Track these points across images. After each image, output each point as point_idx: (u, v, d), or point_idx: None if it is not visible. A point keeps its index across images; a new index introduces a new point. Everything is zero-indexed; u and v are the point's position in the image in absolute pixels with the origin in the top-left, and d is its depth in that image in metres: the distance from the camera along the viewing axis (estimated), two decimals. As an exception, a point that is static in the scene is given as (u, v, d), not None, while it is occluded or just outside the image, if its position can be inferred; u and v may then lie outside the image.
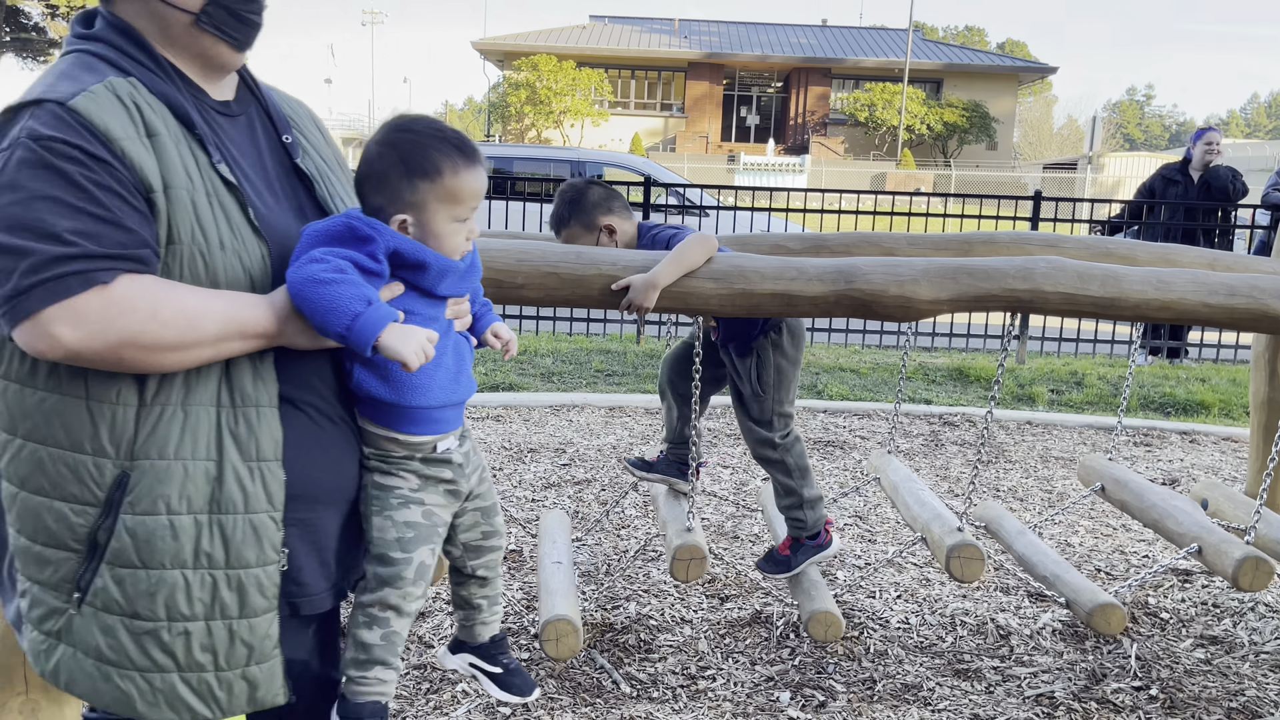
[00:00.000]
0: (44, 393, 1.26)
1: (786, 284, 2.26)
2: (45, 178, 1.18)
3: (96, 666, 1.29)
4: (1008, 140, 37.67)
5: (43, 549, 1.29)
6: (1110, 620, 2.55)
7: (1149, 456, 5.00)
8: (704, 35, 38.71)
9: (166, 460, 1.27)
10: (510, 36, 37.71)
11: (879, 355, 7.36)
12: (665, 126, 37.82)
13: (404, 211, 1.40)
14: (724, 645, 2.86)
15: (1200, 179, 7.25)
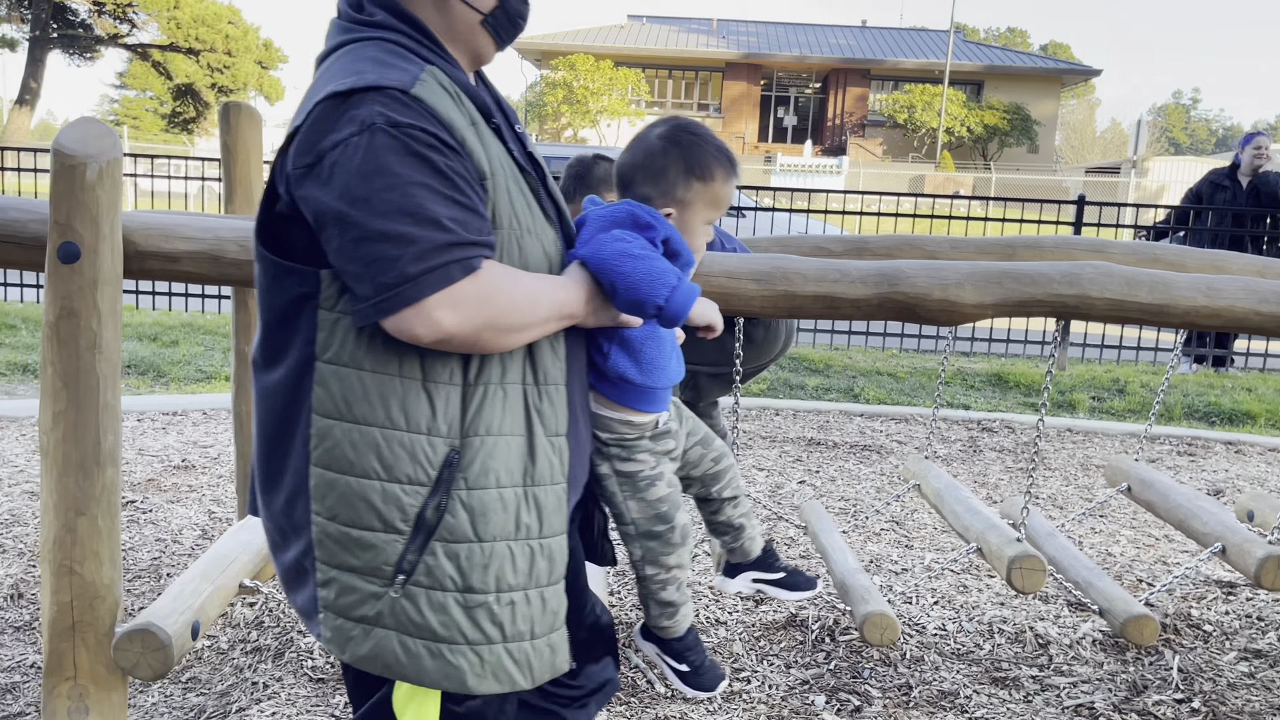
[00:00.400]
0: (377, 375, 1.26)
1: (829, 286, 2.25)
2: (414, 165, 1.19)
3: (426, 645, 1.29)
4: (1049, 143, 37.20)
5: (362, 533, 1.27)
6: (1144, 631, 2.52)
7: (1193, 466, 4.92)
8: (742, 35, 38.60)
9: (493, 436, 1.29)
10: (548, 36, 37.83)
11: (916, 359, 7.30)
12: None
13: (672, 206, 1.53)
14: (759, 648, 2.86)
15: (1249, 184, 7.12)
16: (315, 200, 1.21)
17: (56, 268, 1.89)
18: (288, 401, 1.29)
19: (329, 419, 1.27)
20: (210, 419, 4.87)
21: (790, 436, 5.13)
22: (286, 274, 1.27)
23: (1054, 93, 37.08)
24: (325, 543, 1.29)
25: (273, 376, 1.30)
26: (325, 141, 1.20)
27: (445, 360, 1.27)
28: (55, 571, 1.94)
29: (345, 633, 1.30)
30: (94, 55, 24.31)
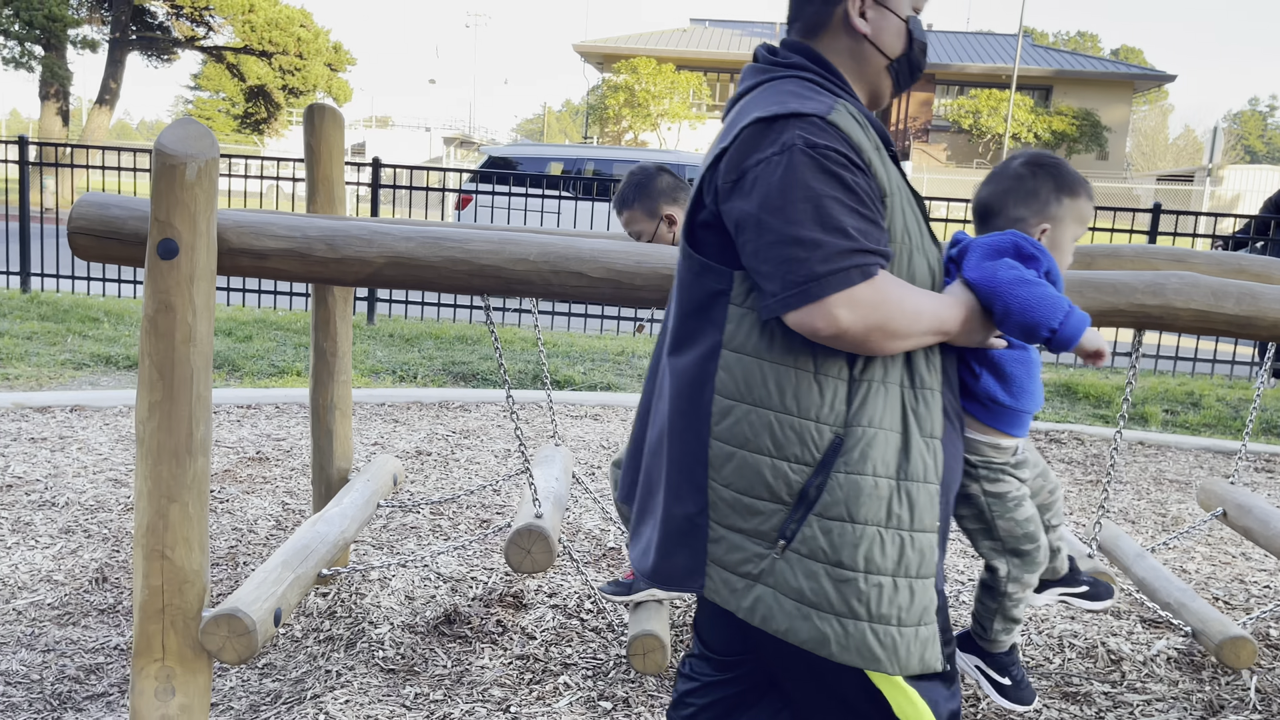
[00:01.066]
0: (776, 364, 1.42)
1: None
2: (826, 180, 1.36)
3: (796, 607, 1.43)
4: (1119, 150, 36.33)
5: (754, 501, 1.43)
6: (1240, 654, 2.45)
7: (1271, 483, 4.78)
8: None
9: (873, 428, 1.42)
10: (610, 39, 38.01)
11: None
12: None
13: (1046, 221, 1.65)
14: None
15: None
16: (737, 210, 1.40)
17: (156, 263, 1.96)
18: (694, 381, 1.47)
19: (730, 399, 1.44)
20: (283, 413, 4.99)
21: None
22: (706, 271, 1.46)
23: (1125, 98, 36.21)
24: (719, 505, 1.46)
25: (684, 359, 1.49)
26: (749, 160, 1.40)
27: (835, 356, 1.42)
28: (147, 556, 2.01)
29: (730, 584, 1.46)
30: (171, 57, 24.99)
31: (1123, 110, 35.87)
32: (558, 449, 3.18)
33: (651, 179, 2.58)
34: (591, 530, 3.71)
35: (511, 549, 2.40)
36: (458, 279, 2.17)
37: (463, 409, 5.30)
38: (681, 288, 1.51)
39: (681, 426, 1.48)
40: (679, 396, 1.49)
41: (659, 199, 2.55)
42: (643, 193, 2.56)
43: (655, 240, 2.57)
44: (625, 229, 2.62)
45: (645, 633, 2.40)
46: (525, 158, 11.09)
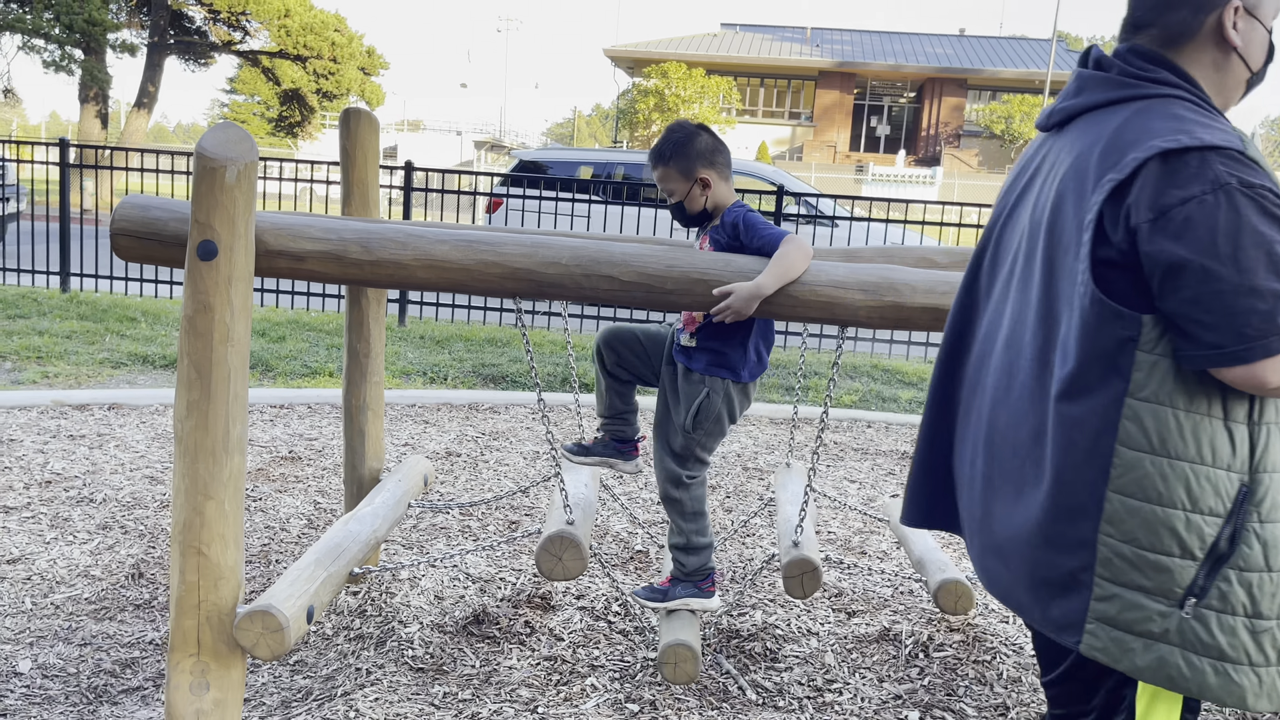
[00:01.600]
0: (1190, 414, 1.37)
1: (939, 298, 2.24)
2: (1271, 225, 1.30)
3: (1211, 664, 1.39)
4: (1155, 156, 35.88)
5: (1160, 557, 1.39)
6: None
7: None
8: (836, 44, 38.26)
9: (1275, 473, 1.38)
10: (641, 44, 38.08)
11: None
12: (793, 135, 37.53)
13: None
14: (850, 660, 2.84)
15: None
16: (1167, 253, 1.32)
17: (195, 264, 2.00)
18: (1093, 432, 1.41)
19: (1137, 451, 1.39)
20: (315, 413, 5.05)
21: (883, 449, 5.07)
22: (1114, 317, 1.38)
23: (1161, 104, 35.76)
24: (1113, 562, 1.41)
25: (1077, 408, 1.42)
26: (1172, 198, 1.31)
27: (1240, 401, 1.37)
28: (184, 552, 2.05)
29: (1124, 644, 1.42)
30: (208, 61, 25.36)
31: (1159, 116, 35.44)
32: (587, 452, 3.19)
33: (691, 138, 2.52)
34: (619, 533, 3.73)
35: (543, 556, 2.42)
36: (490, 282, 2.19)
37: (492, 411, 5.33)
38: (1085, 334, 1.40)
39: (1071, 478, 1.43)
40: (1071, 447, 1.43)
41: (696, 161, 2.49)
42: (680, 152, 2.51)
43: (687, 201, 2.51)
44: (659, 185, 2.57)
45: (678, 642, 2.41)
46: (555, 161, 11.14)
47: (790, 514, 2.94)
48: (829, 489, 4.36)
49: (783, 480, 3.36)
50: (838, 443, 5.12)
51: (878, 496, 4.31)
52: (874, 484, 4.48)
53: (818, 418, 5.59)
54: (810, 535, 2.77)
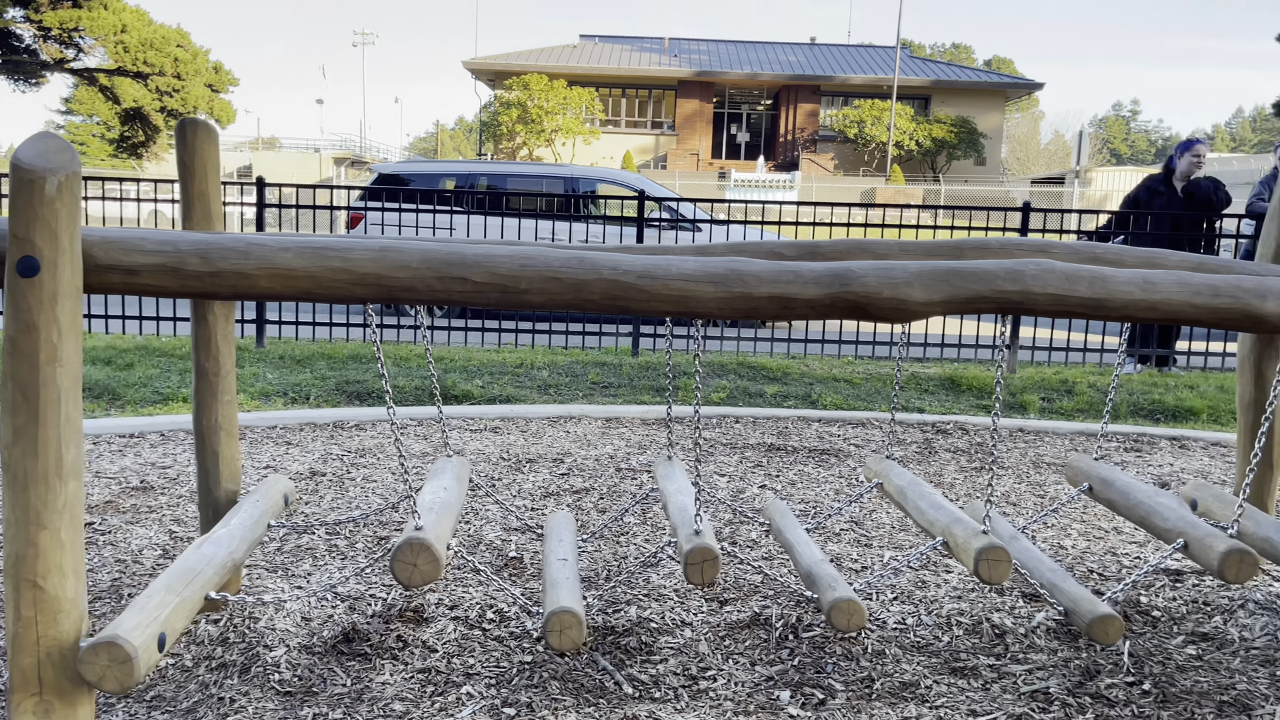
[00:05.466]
0: None
1: (783, 287, 2.32)
2: None
3: None
4: (995, 156, 37.91)
5: None
6: (1109, 631, 2.60)
7: (1139, 462, 5.06)
8: (694, 54, 38.97)
9: None
10: (501, 56, 37.90)
11: (871, 365, 7.42)
12: (656, 144, 38.01)
13: None
14: (724, 647, 2.90)
15: (1183, 189, 7.35)
16: None
17: (15, 282, 1.89)
18: None
19: None
20: (168, 440, 4.82)
21: (750, 443, 5.19)
22: None
23: (998, 106, 37.84)
24: None
25: None
26: None
27: None
28: (18, 587, 1.93)
29: None
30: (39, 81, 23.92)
31: (997, 117, 37.44)
32: (451, 460, 3.17)
33: None
34: (493, 541, 3.70)
35: (397, 565, 2.38)
36: (338, 288, 2.15)
37: (358, 428, 5.21)
38: None
39: None
40: None
41: None
42: None
43: None
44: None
45: (561, 609, 2.42)
46: (417, 174, 10.97)
47: (684, 503, 2.98)
48: (701, 483, 4.44)
49: (666, 472, 3.40)
50: (708, 439, 5.22)
51: (746, 489, 4.41)
52: (742, 476, 4.59)
53: (688, 417, 5.68)
54: (709, 525, 2.82)
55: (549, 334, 7.94)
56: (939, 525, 2.79)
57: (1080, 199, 31.90)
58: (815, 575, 2.70)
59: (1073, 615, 2.71)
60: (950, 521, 2.75)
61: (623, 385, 6.44)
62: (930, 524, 2.86)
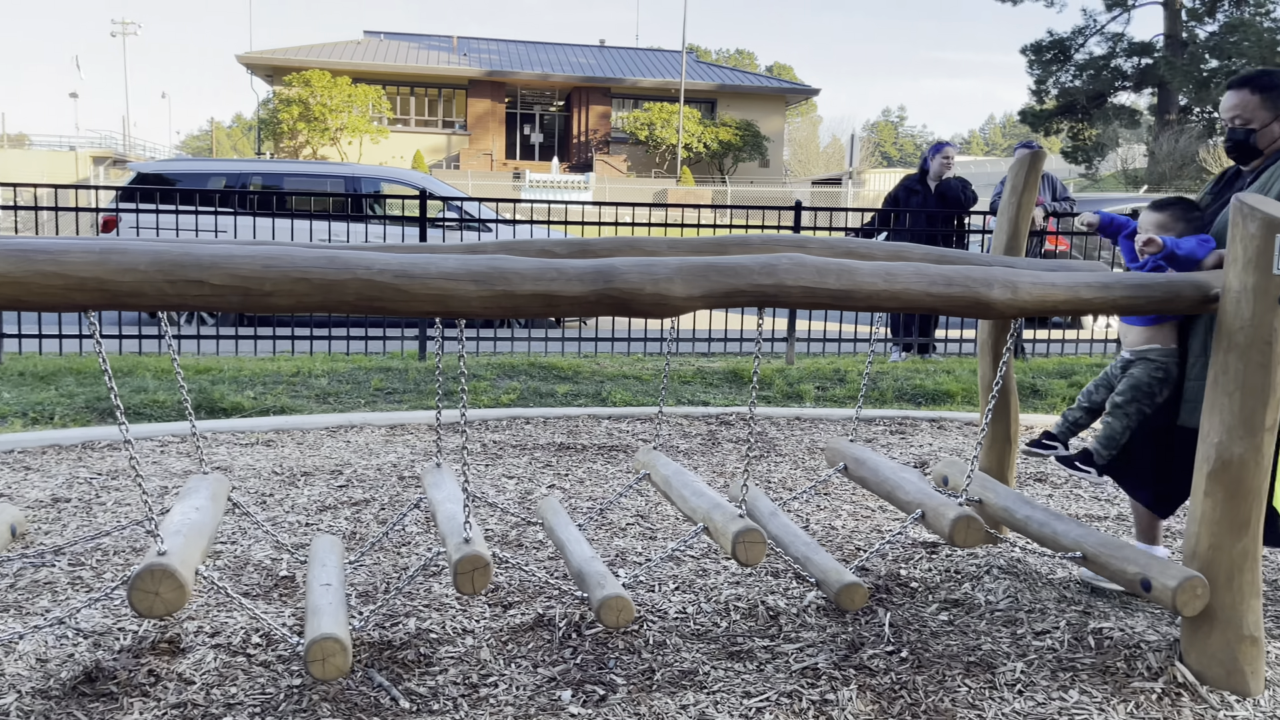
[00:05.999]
0: None
1: (547, 284, 2.30)
2: None
3: None
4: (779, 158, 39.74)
5: None
6: (854, 598, 2.76)
7: (903, 443, 5.41)
8: (484, 53, 38.60)
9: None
10: (279, 50, 36.14)
11: (660, 362, 7.57)
12: (448, 144, 37.38)
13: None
14: (506, 651, 2.86)
15: (936, 189, 7.94)
16: None
17: None
18: None
19: None
20: (-122, 473, 4.25)
21: (540, 443, 5.17)
22: None
23: (780, 110, 39.68)
24: None
25: None
26: None
27: None
28: None
29: None
30: None
31: (778, 121, 39.25)
32: (206, 477, 2.96)
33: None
34: (262, 561, 3.49)
35: (136, 595, 2.19)
36: (53, 295, 1.95)
37: (111, 448, 4.80)
38: None
39: None
40: None
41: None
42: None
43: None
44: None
45: (322, 637, 2.30)
46: (183, 174, 10.25)
47: (453, 511, 2.89)
48: (487, 487, 4.37)
49: (434, 480, 3.30)
50: (496, 441, 5.15)
51: (535, 489, 4.38)
52: (531, 477, 4.56)
53: (480, 420, 5.59)
54: (478, 532, 2.76)
55: (329, 339, 7.61)
56: (700, 512, 2.87)
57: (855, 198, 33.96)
58: (585, 574, 2.70)
59: (823, 586, 2.85)
60: (710, 508, 2.83)
61: (409, 391, 6.26)
62: (693, 511, 2.93)
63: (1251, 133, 2.91)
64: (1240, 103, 2.90)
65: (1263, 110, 2.89)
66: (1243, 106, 2.90)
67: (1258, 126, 2.90)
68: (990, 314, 2.66)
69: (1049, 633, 3.02)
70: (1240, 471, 2.61)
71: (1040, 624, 3.08)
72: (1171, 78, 30.13)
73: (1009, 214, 3.70)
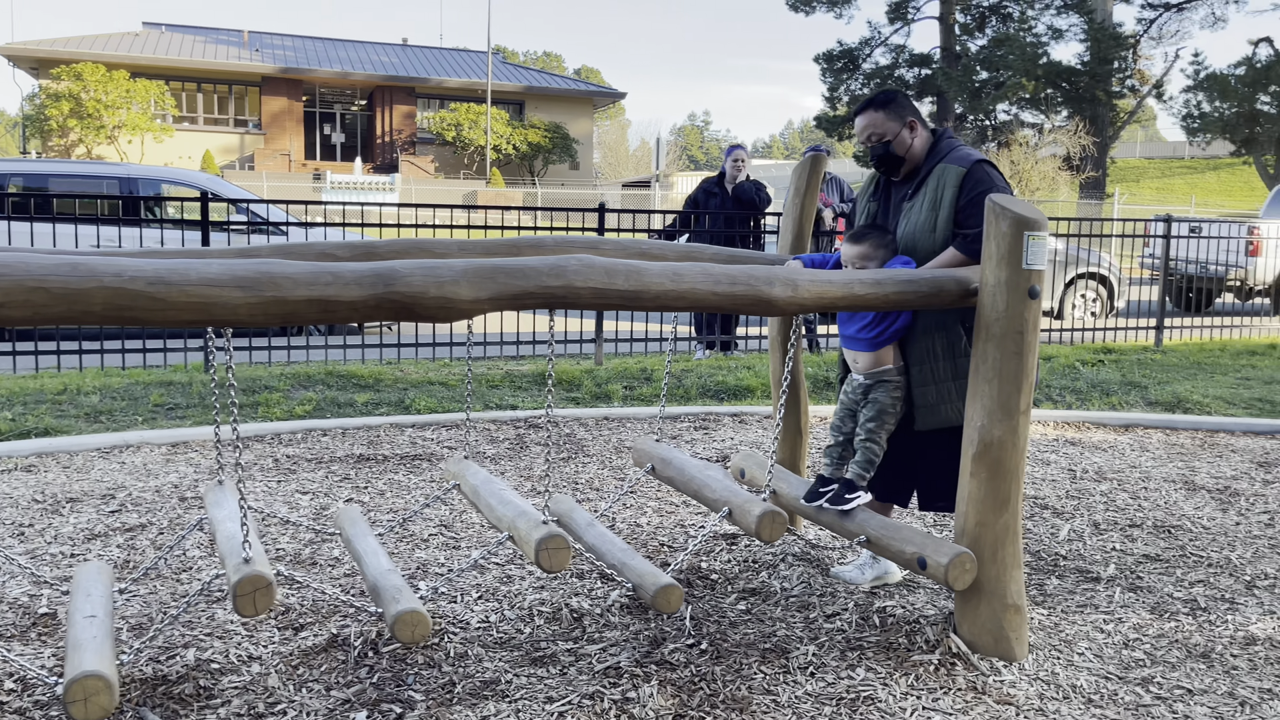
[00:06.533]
0: None
1: (322, 289, 2.19)
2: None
3: None
4: (588, 160, 40.02)
5: None
6: (670, 600, 2.78)
7: (706, 438, 5.55)
8: (278, 49, 36.85)
9: None
10: (45, 41, 33.22)
11: (466, 366, 7.44)
12: (242, 143, 35.47)
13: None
14: (297, 676, 2.71)
15: (733, 191, 8.20)
16: None
17: None
18: None
19: None
20: None
21: (338, 455, 4.96)
22: None
23: (588, 113, 39.96)
24: None
25: None
26: None
27: None
28: None
29: None
30: None
31: (587, 124, 39.52)
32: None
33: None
34: (18, 599, 3.17)
35: None
36: None
37: None
38: None
39: None
40: None
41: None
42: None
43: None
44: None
45: (84, 675, 2.10)
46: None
47: (232, 530, 2.71)
48: (279, 504, 4.15)
49: (216, 499, 3.10)
50: (290, 455, 4.91)
51: (331, 504, 4.19)
52: (328, 491, 4.36)
53: (273, 433, 5.30)
54: (259, 550, 2.59)
55: (100, 353, 7.03)
56: (506, 520, 2.82)
57: (663, 200, 34.67)
58: (380, 588, 2.60)
59: (639, 590, 2.87)
60: (516, 515, 2.79)
61: (193, 405, 5.87)
62: (499, 520, 2.88)
63: (889, 144, 3.18)
64: (870, 122, 3.17)
65: (891, 123, 3.17)
66: (874, 125, 3.17)
67: (891, 138, 3.18)
68: (773, 311, 2.75)
69: (839, 614, 3.16)
70: (1000, 452, 2.81)
71: (831, 607, 3.22)
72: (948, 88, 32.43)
73: (793, 214, 3.85)
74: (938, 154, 3.17)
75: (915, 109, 3.23)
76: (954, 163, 3.11)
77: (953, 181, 3.07)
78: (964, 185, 3.06)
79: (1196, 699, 2.69)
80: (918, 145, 3.20)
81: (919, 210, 3.14)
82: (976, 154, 3.13)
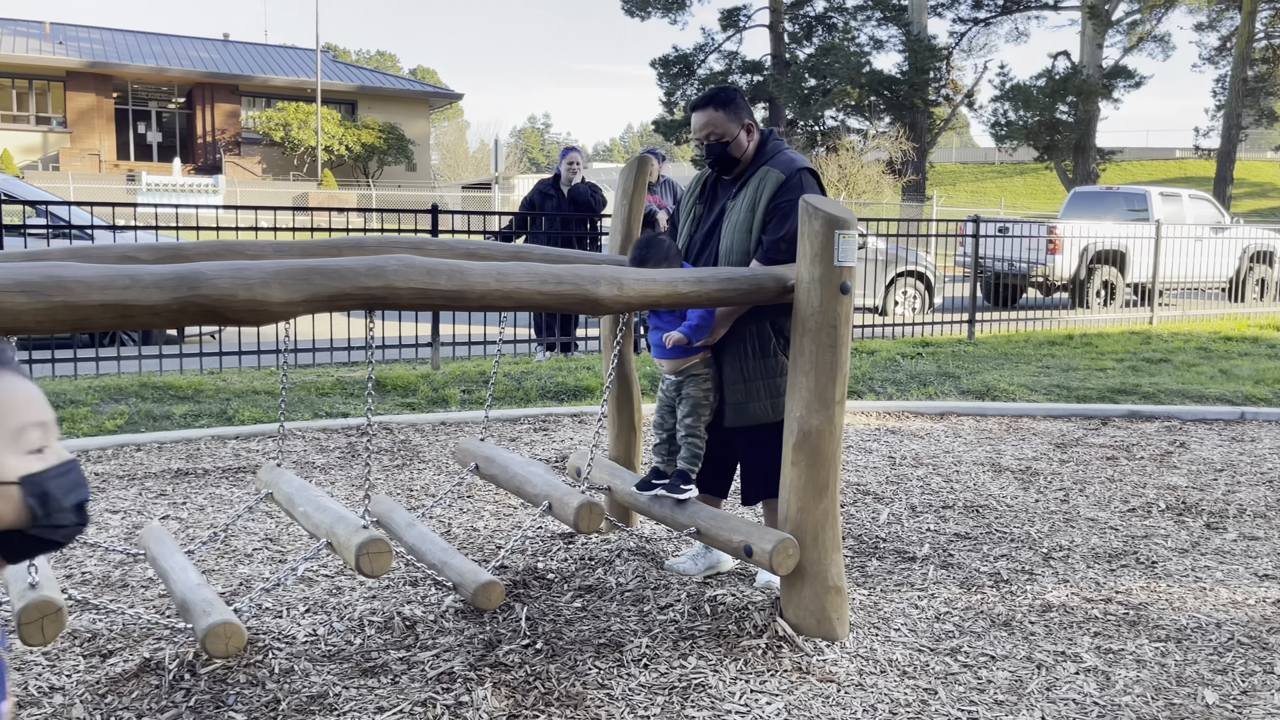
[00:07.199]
0: None
1: (119, 293, 2.07)
2: None
3: None
4: (426, 162, 39.25)
5: None
6: (491, 597, 2.77)
7: (546, 439, 5.55)
8: (84, 42, 34.47)
9: None
10: None
11: (295, 374, 7.17)
12: (45, 142, 32.98)
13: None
14: (105, 705, 2.55)
15: (569, 193, 8.24)
16: None
17: None
18: None
19: None
20: None
21: (153, 471, 4.69)
22: None
23: (424, 114, 39.19)
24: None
25: None
26: None
27: None
28: None
29: None
30: None
31: (423, 125, 38.75)
32: None
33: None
34: None
35: None
36: None
37: None
38: None
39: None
40: None
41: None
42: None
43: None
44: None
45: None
46: None
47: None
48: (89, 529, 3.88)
49: None
50: (99, 473, 4.60)
51: (146, 523, 3.96)
52: (141, 510, 4.12)
53: (79, 450, 4.96)
54: (47, 574, 2.42)
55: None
56: (324, 527, 2.75)
57: (503, 202, 34.41)
58: (189, 602, 2.49)
59: (460, 589, 2.85)
60: (334, 521, 2.72)
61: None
62: (316, 527, 2.80)
63: (726, 145, 3.17)
64: (709, 120, 3.14)
65: (730, 125, 3.16)
66: (714, 124, 3.14)
67: (730, 140, 3.18)
68: (600, 310, 2.78)
69: (672, 605, 3.22)
70: (818, 441, 2.94)
71: (665, 599, 3.28)
72: (779, 94, 33.55)
73: (622, 215, 3.90)
74: (764, 156, 3.26)
75: (750, 110, 3.28)
76: (777, 166, 3.20)
77: (771, 185, 3.18)
78: (778, 191, 3.17)
79: (999, 664, 2.89)
80: (751, 148, 3.27)
81: (739, 210, 3.24)
82: (801, 161, 3.20)
